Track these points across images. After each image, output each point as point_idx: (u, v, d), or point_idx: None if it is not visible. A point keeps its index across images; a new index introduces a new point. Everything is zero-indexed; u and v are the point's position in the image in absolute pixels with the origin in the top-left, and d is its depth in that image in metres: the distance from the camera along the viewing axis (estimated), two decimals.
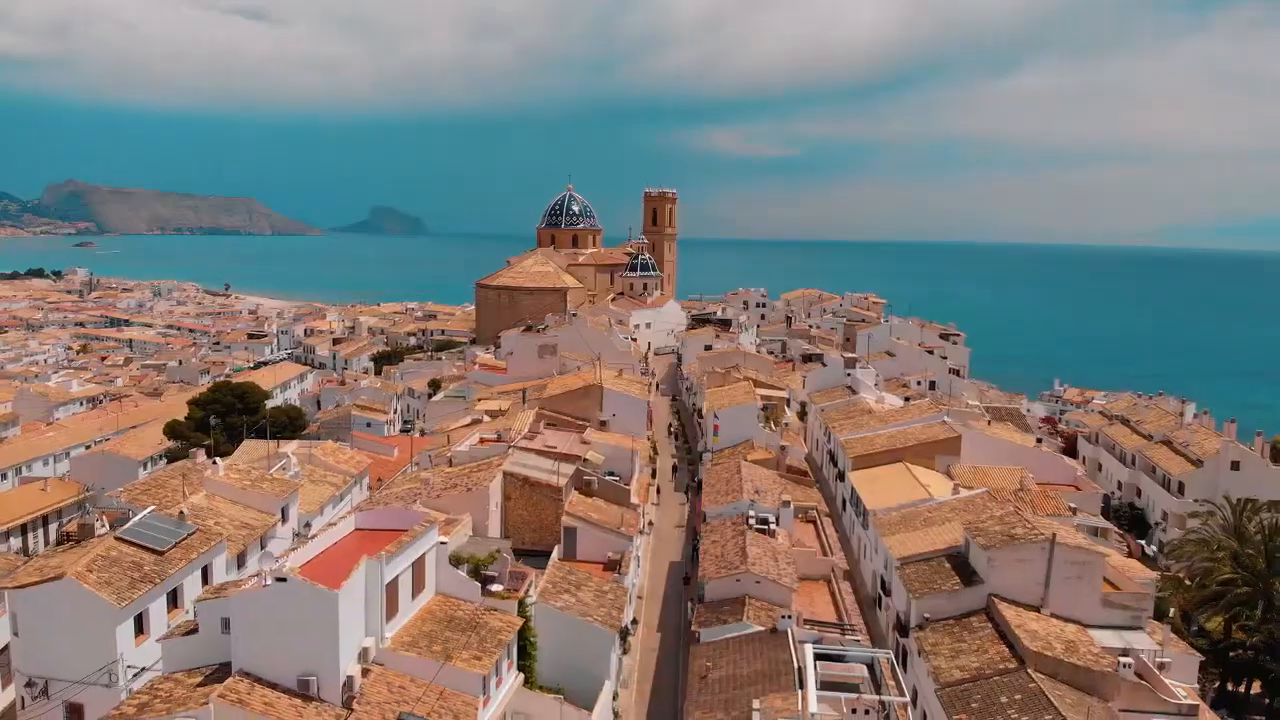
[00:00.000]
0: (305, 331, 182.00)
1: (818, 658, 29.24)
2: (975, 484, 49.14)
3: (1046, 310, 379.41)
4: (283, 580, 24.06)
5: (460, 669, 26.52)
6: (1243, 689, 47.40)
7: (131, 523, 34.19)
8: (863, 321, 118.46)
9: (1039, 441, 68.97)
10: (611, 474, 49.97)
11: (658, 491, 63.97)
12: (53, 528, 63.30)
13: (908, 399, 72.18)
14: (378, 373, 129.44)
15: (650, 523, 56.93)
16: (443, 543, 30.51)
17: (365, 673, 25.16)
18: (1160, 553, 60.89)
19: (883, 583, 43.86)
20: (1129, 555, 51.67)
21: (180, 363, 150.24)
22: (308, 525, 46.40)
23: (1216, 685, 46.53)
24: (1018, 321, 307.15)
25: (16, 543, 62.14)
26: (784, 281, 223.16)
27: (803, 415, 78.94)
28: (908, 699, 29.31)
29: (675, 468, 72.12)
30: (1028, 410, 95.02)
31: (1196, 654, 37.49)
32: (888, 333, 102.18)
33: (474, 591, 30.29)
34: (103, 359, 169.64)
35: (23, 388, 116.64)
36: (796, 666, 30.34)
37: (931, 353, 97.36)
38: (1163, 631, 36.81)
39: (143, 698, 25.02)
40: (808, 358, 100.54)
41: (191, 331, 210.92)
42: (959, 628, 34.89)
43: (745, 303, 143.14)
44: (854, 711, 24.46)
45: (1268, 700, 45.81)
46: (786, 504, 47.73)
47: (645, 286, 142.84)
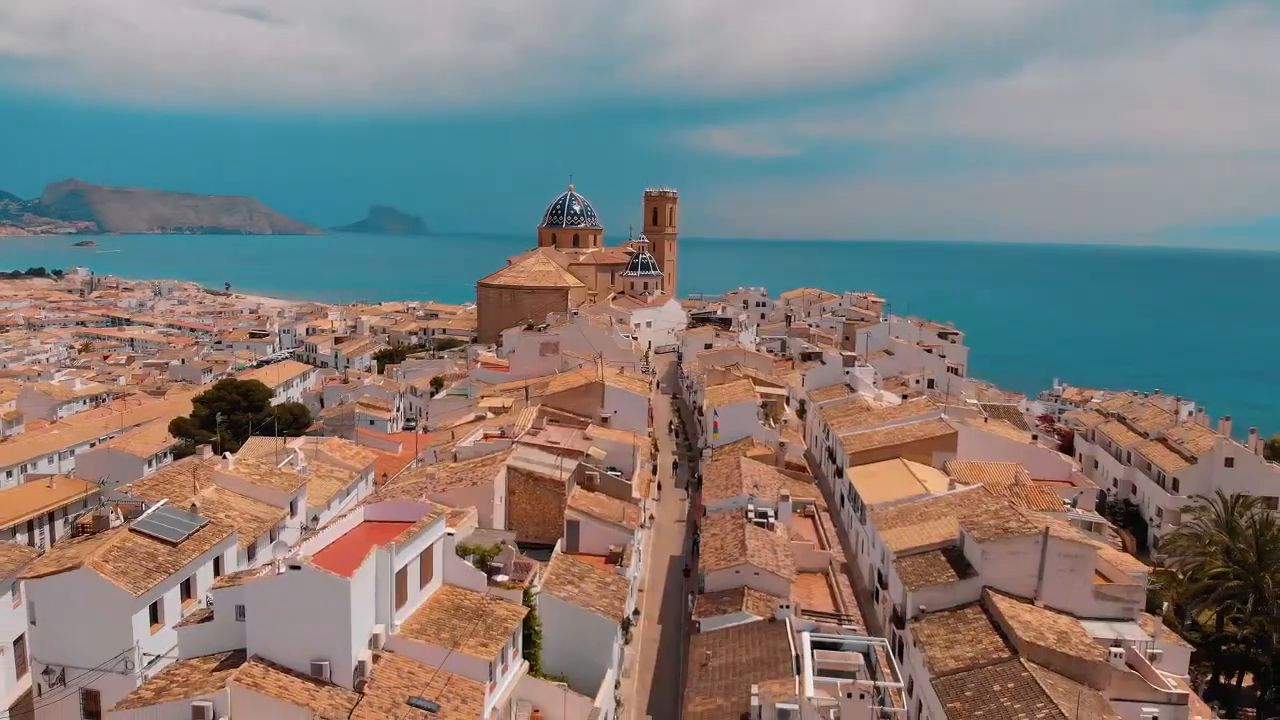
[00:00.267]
0: (307, 330, 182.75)
1: (815, 645, 30.05)
2: (971, 480, 49.72)
3: (1046, 310, 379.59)
4: (297, 568, 24.79)
5: (468, 655, 27.25)
6: (1235, 681, 48.08)
7: (145, 515, 34.96)
8: (862, 320, 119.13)
9: (1035, 438, 69.64)
10: (613, 469, 50.66)
11: (658, 487, 64.65)
12: (59, 524, 63.91)
13: (906, 397, 72.89)
14: (380, 371, 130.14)
15: (651, 517, 57.62)
16: (450, 534, 31.25)
17: (376, 658, 25.88)
18: (1154, 547, 61.50)
19: (880, 576, 44.53)
20: (1124, 550, 52.41)
21: (183, 361, 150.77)
22: (315, 519, 47.17)
23: (1209, 678, 47.18)
24: (1017, 321, 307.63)
25: (23, 539, 62.65)
26: (784, 281, 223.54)
27: (802, 413, 79.60)
28: (902, 684, 30.01)
29: (676, 464, 72.82)
30: (1026, 409, 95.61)
31: (1188, 646, 38.20)
32: (886, 331, 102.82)
33: (480, 581, 31.02)
34: (105, 358, 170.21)
35: (26, 386, 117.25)
36: (794, 654, 31.04)
37: (930, 351, 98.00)
38: (1154, 624, 37.38)
39: (160, 682, 25.78)
40: (807, 356, 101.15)
41: (193, 331, 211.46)
42: (954, 619, 35.55)
43: (745, 302, 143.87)
44: (849, 695, 25.10)
45: (1259, 693, 46.46)
46: (785, 498, 48.44)
47: (646, 286, 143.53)
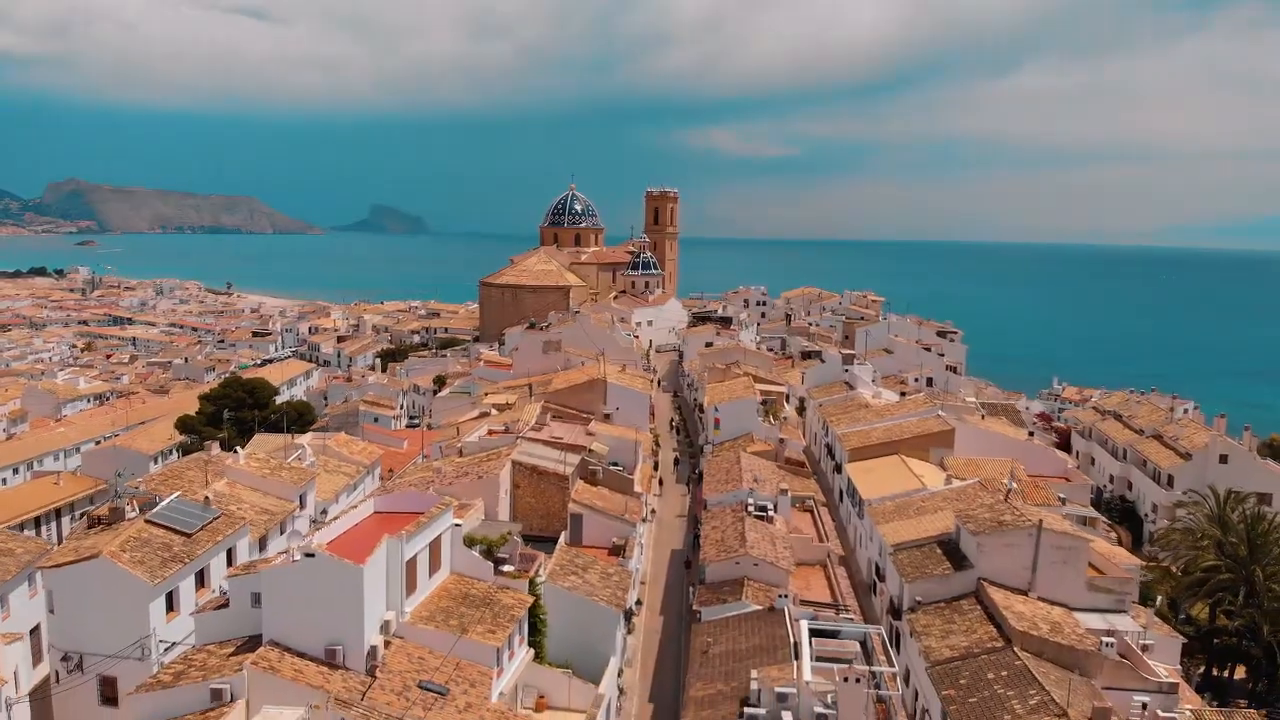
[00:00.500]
0: (309, 329, 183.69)
1: (813, 633, 30.83)
2: (967, 475, 50.48)
3: (1046, 309, 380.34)
4: (311, 555, 25.61)
5: (476, 641, 28.08)
6: (1227, 674, 48.85)
7: (160, 506, 35.79)
8: (861, 319, 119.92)
9: (1031, 435, 70.42)
10: (615, 464, 51.49)
11: (660, 483, 65.44)
12: (65, 521, 64.61)
13: (904, 394, 73.66)
14: (383, 370, 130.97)
15: (653, 511, 58.41)
16: (458, 525, 32.07)
17: (387, 643, 26.70)
18: (1149, 543, 62.23)
19: (877, 569, 45.35)
20: (1119, 544, 53.13)
21: (186, 360, 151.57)
22: (324, 512, 47.95)
23: (1202, 670, 47.97)
24: (1017, 320, 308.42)
25: (30, 535, 63.47)
26: (784, 280, 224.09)
27: (801, 410, 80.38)
28: (897, 670, 30.81)
29: (677, 460, 73.63)
30: (1026, 408, 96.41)
31: (1179, 637, 38.92)
32: (886, 330, 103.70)
33: (487, 571, 31.84)
34: (107, 357, 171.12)
35: (31, 385, 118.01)
36: (793, 641, 31.82)
37: (929, 350, 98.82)
38: (1146, 615, 38.16)
39: (178, 667, 26.60)
40: (807, 354, 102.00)
41: (195, 330, 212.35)
42: (949, 610, 36.35)
43: (745, 301, 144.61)
44: (846, 680, 25.86)
45: (1251, 685, 47.24)
46: (784, 492, 49.27)
47: (647, 285, 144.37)
